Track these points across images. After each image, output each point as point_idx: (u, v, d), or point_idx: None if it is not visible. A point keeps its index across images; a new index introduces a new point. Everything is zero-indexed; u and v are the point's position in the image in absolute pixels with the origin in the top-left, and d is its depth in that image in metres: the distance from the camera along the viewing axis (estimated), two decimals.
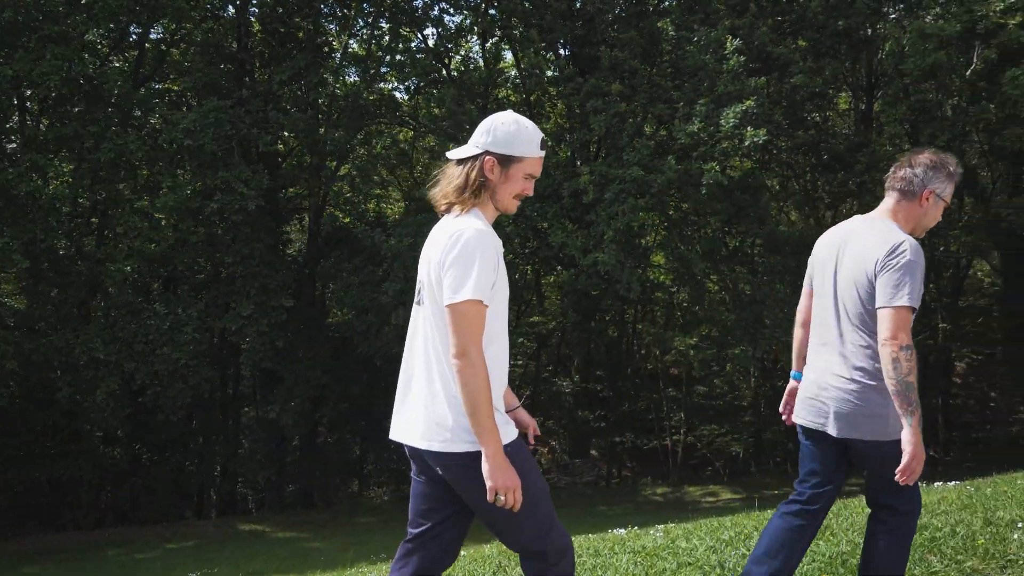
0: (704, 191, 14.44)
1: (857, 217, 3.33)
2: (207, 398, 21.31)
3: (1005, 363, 23.87)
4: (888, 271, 2.96)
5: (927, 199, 3.16)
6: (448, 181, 2.62)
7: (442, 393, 2.50)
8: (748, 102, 13.72)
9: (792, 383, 3.54)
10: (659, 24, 16.67)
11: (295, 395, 19.64)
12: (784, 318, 15.35)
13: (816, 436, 3.24)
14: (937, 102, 18.81)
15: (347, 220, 21.19)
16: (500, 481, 2.38)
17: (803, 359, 3.44)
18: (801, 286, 3.60)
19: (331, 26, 21.07)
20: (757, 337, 15.40)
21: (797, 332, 3.53)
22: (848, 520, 5.33)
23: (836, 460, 3.24)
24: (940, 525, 4.85)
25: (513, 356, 27.90)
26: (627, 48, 15.93)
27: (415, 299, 2.67)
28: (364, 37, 21.42)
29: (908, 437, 2.91)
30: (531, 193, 2.67)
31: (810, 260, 3.43)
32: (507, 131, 2.57)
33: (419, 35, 20.48)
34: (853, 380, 3.07)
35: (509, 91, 20.98)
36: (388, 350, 19.72)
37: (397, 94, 22.31)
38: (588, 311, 19.58)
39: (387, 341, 18.78)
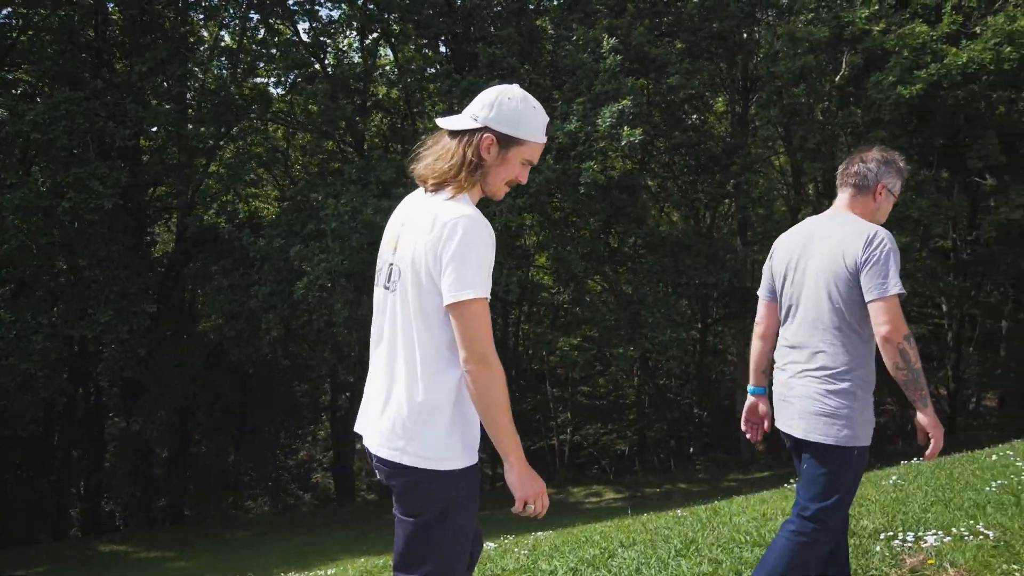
0: (582, 190, 14.28)
1: (811, 218, 3.34)
2: (65, 410, 19.95)
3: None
4: (872, 263, 2.94)
5: (880, 193, 3.21)
6: (438, 156, 2.34)
7: (405, 397, 2.26)
8: (624, 101, 13.63)
9: (751, 399, 3.46)
10: (538, 22, 16.47)
11: (161, 405, 18.55)
12: (662, 318, 15.36)
13: (792, 439, 3.18)
14: (808, 105, 19.27)
15: (220, 220, 20.20)
16: (529, 490, 2.23)
17: (762, 373, 3.43)
18: (680, 284, 3.43)
19: (199, 16, 20.01)
20: (636, 337, 15.36)
21: (756, 344, 3.43)
22: (713, 535, 5.09)
23: None
24: None
25: None
26: (505, 45, 15.65)
27: (377, 280, 2.41)
28: (236, 29, 20.47)
29: (927, 421, 2.92)
30: (524, 180, 2.40)
31: (767, 268, 3.37)
32: (513, 108, 2.31)
33: (292, 28, 19.64)
34: (824, 381, 3.03)
35: (383, 87, 20.38)
36: (260, 356, 18.93)
37: (273, 89, 21.47)
38: None
39: (259, 347, 17.99)
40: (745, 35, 18.69)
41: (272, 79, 20.78)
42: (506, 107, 2.30)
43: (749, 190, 19.23)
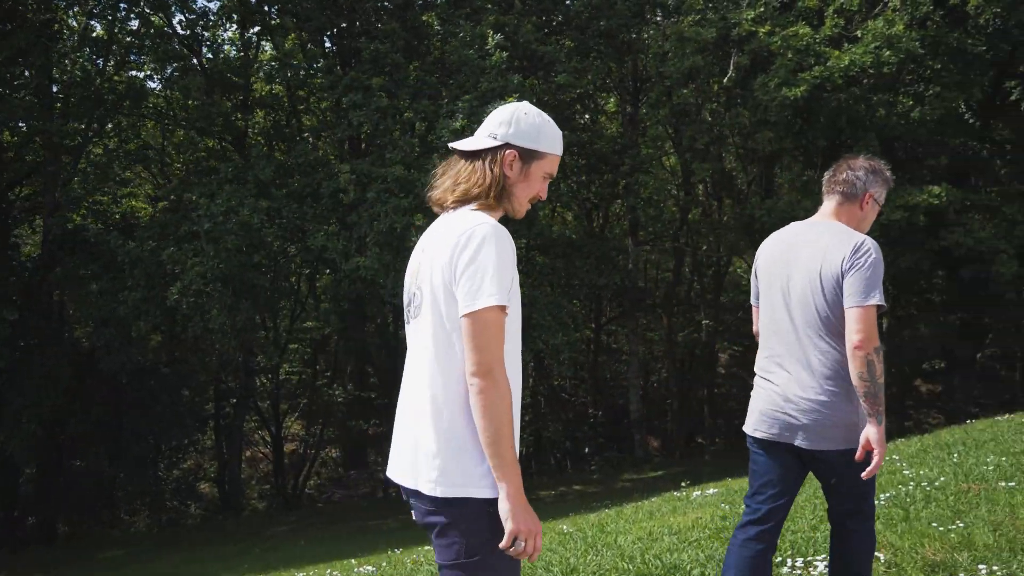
0: None
1: (796, 224, 3.30)
2: None
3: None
4: (856, 270, 2.94)
5: (867, 202, 3.21)
6: (458, 179, 2.28)
7: (433, 426, 2.15)
8: (510, 99, 13.29)
9: None
10: (424, 18, 15.99)
11: (25, 418, 17.30)
12: (553, 321, 15.13)
13: (777, 449, 3.16)
14: (697, 106, 19.40)
15: (91, 222, 18.98)
16: (522, 524, 2.05)
17: None
18: (572, 286, 3.18)
19: (61, 2, 18.75)
20: (527, 340, 15.06)
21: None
22: (596, 560, 4.77)
23: (796, 473, 3.20)
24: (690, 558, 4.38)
25: (289, 362, 26.51)
26: (389, 41, 15.12)
27: (407, 315, 2.31)
28: (109, 19, 19.25)
29: (876, 436, 2.92)
30: (545, 196, 2.37)
31: (754, 274, 3.36)
32: (532, 122, 2.28)
33: (166, 19, 18.58)
34: (823, 391, 3.02)
35: (261, 82, 19.49)
36: (134, 364, 17.91)
37: (150, 84, 20.31)
38: (359, 316, 18.61)
39: (132, 355, 16.99)
40: (634, 35, 18.63)
41: (144, 73, 19.62)
42: (524, 122, 2.27)
43: (639, 190, 19.20)
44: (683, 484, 11.23)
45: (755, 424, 3.21)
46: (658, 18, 18.84)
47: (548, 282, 16.55)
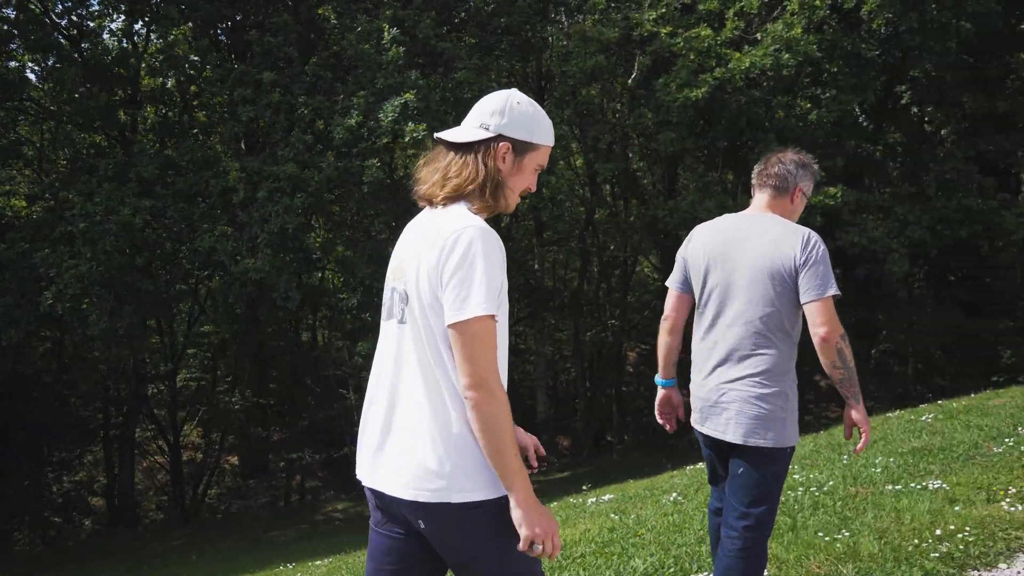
0: (366, 190, 13.44)
1: (729, 215, 3.28)
2: None
3: None
4: (811, 264, 2.95)
5: (797, 195, 3.24)
6: (448, 172, 2.16)
7: (436, 432, 2.07)
8: (408, 95, 12.90)
9: (663, 391, 3.42)
10: (320, 11, 15.45)
11: None
12: None
13: (716, 444, 3.16)
14: (601, 106, 19.35)
15: None
16: (537, 527, 2.02)
17: (672, 366, 3.39)
18: None
19: None
20: None
21: (665, 339, 3.36)
22: None
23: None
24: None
25: (188, 368, 25.48)
26: (282, 34, 14.53)
27: (386, 313, 2.20)
28: None
29: (860, 416, 3.01)
30: (535, 188, 2.27)
31: (680, 258, 3.31)
32: (524, 112, 2.18)
33: (42, 6, 17.49)
34: (758, 384, 3.01)
35: (148, 77, 18.57)
36: (3, 375, 16.90)
37: (30, 75, 19.13)
38: (253, 320, 17.89)
39: (3, 364, 16.00)
40: (538, 33, 18.44)
41: (18, 63, 18.44)
42: (517, 112, 2.17)
43: (542, 190, 19.03)
44: (584, 487, 11.07)
45: (695, 419, 3.22)
46: (561, 17, 18.69)
47: None
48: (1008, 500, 4.86)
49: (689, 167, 20.83)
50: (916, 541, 4.30)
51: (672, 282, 3.33)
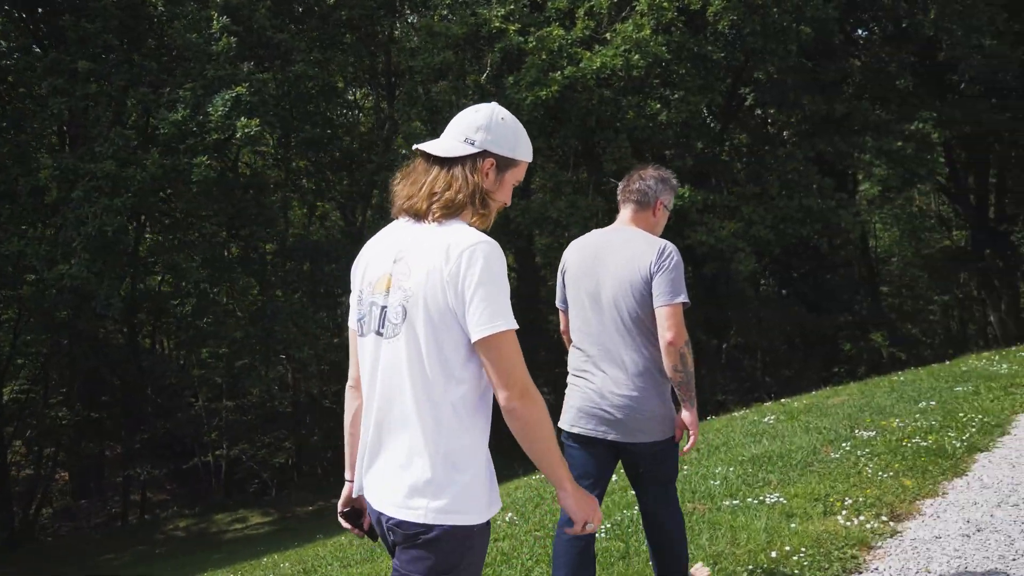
0: (195, 189, 12.52)
1: (597, 231, 3.49)
2: None
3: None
4: (663, 272, 3.17)
5: (659, 209, 3.44)
6: (434, 187, 2.12)
7: (426, 451, 2.03)
8: (239, 88, 12.06)
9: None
10: None
11: None
12: (299, 333, 13.98)
13: (592, 443, 3.31)
14: (451, 103, 18.88)
15: None
16: (587, 510, 2.19)
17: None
18: (319, 294, 2.61)
19: None
20: (269, 353, 13.87)
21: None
22: None
23: (609, 464, 3.39)
24: None
25: (13, 381, 23.45)
26: (101, 20, 13.36)
27: (361, 328, 2.16)
28: None
29: (691, 419, 3.26)
30: (509, 203, 2.29)
31: (561, 279, 3.50)
32: (509, 128, 2.19)
33: None
34: (636, 387, 3.21)
35: None
36: None
37: None
38: (75, 330, 16.49)
39: None
40: (385, 28, 17.82)
41: None
42: (501, 128, 2.19)
43: (385, 189, 18.45)
44: None
45: (572, 420, 3.34)
46: (407, 12, 18.12)
47: (293, 290, 15.34)
48: (844, 513, 4.73)
49: (540, 167, 20.69)
50: (751, 567, 4.06)
51: (559, 302, 3.54)
